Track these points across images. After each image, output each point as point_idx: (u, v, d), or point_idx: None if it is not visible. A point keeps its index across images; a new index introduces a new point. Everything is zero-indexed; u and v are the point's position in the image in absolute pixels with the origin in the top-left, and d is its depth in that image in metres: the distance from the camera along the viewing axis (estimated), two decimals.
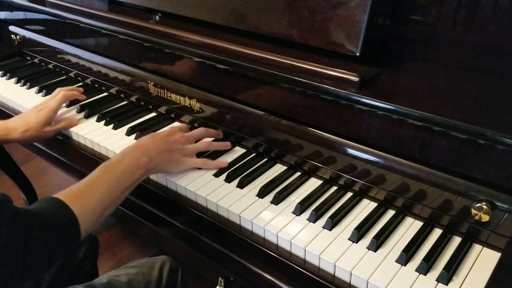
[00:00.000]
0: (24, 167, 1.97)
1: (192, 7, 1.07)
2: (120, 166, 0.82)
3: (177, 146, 0.92)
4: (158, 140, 0.91)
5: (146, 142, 0.90)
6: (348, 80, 0.81)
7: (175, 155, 0.90)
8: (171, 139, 0.93)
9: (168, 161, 0.89)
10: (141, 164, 0.84)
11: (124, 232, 2.00)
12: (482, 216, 0.70)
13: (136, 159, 0.84)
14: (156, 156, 0.87)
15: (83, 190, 0.76)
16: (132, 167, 0.83)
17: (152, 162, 0.85)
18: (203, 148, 0.96)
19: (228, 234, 0.84)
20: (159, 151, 0.88)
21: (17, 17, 1.51)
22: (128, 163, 0.83)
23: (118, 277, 0.97)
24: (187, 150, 0.93)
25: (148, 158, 0.85)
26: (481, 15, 0.81)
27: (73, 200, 0.72)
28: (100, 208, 0.76)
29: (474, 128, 0.69)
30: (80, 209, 0.72)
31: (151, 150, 0.87)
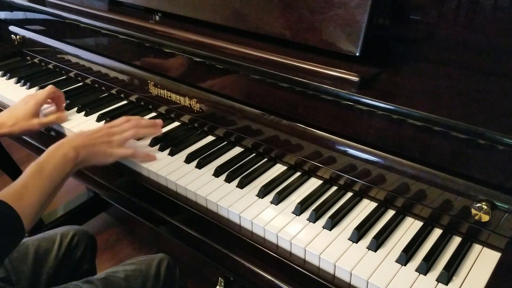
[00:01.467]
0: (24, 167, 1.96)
1: (192, 7, 1.07)
2: (50, 164, 0.84)
3: (103, 139, 0.93)
4: (84, 136, 0.92)
5: (72, 138, 0.91)
6: (348, 80, 0.81)
7: (102, 147, 0.92)
8: (98, 134, 0.94)
9: (95, 153, 0.91)
10: (68, 158, 0.85)
11: (124, 232, 2.00)
12: (482, 216, 0.70)
13: (64, 154, 0.85)
14: (82, 149, 0.88)
15: (20, 190, 0.78)
16: (61, 163, 0.85)
17: (79, 156, 0.87)
18: (129, 136, 0.97)
19: (228, 234, 0.84)
20: (84, 144, 0.89)
21: (17, 17, 1.51)
22: (57, 159, 0.85)
23: (116, 274, 0.97)
24: (114, 142, 0.94)
25: (75, 152, 0.87)
26: (481, 15, 0.81)
27: (14, 200, 0.74)
28: (38, 205, 0.79)
29: (474, 128, 0.69)
30: (21, 208, 0.74)
31: (77, 144, 0.88)
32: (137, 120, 1.02)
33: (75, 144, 0.88)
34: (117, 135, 0.95)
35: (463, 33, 0.84)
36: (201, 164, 0.96)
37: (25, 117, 1.09)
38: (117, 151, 0.93)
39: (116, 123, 0.99)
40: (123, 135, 0.96)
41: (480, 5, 0.81)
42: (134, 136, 0.99)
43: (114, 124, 0.99)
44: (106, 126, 0.98)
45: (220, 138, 1.06)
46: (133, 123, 0.99)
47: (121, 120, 1.01)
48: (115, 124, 0.99)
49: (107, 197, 1.04)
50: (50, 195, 0.82)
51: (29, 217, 0.76)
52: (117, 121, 1.00)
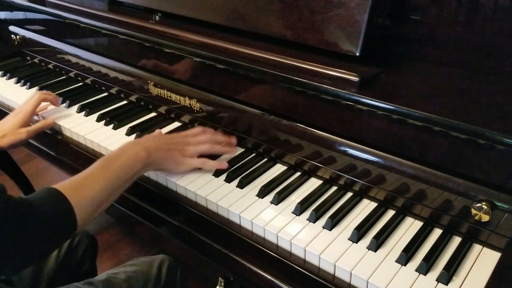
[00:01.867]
0: (24, 167, 1.97)
1: (192, 7, 1.07)
2: (119, 160, 0.83)
3: (177, 146, 0.92)
4: (160, 138, 0.93)
5: (148, 138, 0.91)
6: (348, 80, 0.81)
7: (175, 154, 0.91)
8: (173, 139, 0.94)
9: (166, 159, 0.90)
10: (139, 158, 0.85)
11: (124, 232, 2.00)
12: (482, 216, 0.70)
13: (135, 153, 0.85)
14: (155, 152, 0.88)
15: (81, 181, 0.76)
16: (131, 161, 0.84)
17: (150, 157, 0.86)
18: (204, 151, 0.95)
19: (228, 234, 0.84)
20: (158, 148, 0.89)
21: (17, 17, 1.51)
22: (127, 156, 0.84)
23: (117, 275, 0.97)
24: (188, 151, 0.93)
25: (147, 153, 0.86)
26: (481, 15, 0.81)
27: (71, 191, 0.72)
28: (97, 200, 0.77)
29: (474, 128, 0.69)
30: (77, 201, 0.72)
31: (150, 146, 0.88)
32: (213, 134, 0.99)
33: (149, 145, 0.88)
34: (191, 145, 0.94)
35: (463, 33, 0.84)
36: None
37: (12, 129, 1.08)
38: (189, 161, 0.92)
39: (192, 132, 0.98)
40: (198, 148, 0.94)
41: (480, 5, 0.81)
42: (209, 151, 0.96)
43: (190, 134, 0.98)
44: (182, 135, 0.97)
45: None
46: (208, 137, 0.97)
47: (197, 130, 0.99)
48: (190, 133, 0.98)
49: None
50: (113, 191, 0.80)
51: (85, 211, 0.74)
52: (193, 131, 0.99)
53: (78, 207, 0.72)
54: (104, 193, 0.78)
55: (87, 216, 0.75)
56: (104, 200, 0.79)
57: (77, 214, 0.72)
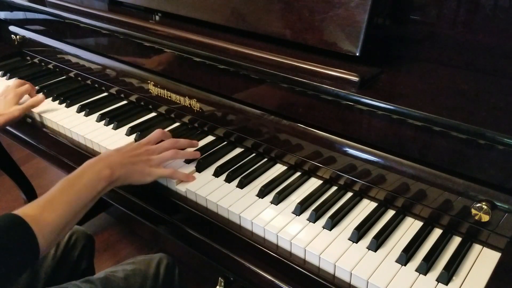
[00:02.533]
0: (24, 167, 1.97)
1: (192, 7, 1.07)
2: (81, 180, 0.80)
3: (141, 157, 0.89)
4: (122, 152, 0.89)
5: (110, 154, 0.88)
6: (348, 80, 0.81)
7: (140, 166, 0.88)
8: (136, 151, 0.90)
9: (132, 172, 0.87)
10: (102, 176, 0.82)
11: (124, 232, 2.00)
12: (482, 216, 0.70)
13: (98, 171, 0.82)
14: (119, 168, 0.84)
15: (43, 206, 0.74)
16: (94, 181, 0.81)
17: (114, 175, 0.83)
18: (169, 157, 0.93)
19: (228, 234, 0.84)
20: (122, 163, 0.86)
21: (17, 17, 1.51)
22: (89, 176, 0.81)
23: (115, 273, 0.97)
24: (153, 160, 0.90)
25: (111, 171, 0.83)
26: (481, 15, 0.81)
27: (32, 217, 0.70)
28: (61, 224, 0.74)
29: (474, 128, 0.69)
30: (39, 226, 0.70)
31: (114, 162, 0.85)
32: (175, 139, 0.98)
33: (112, 161, 0.85)
34: (156, 153, 0.92)
35: (463, 33, 0.84)
36: (201, 164, 0.96)
37: (5, 108, 1.14)
38: (156, 171, 0.89)
39: (154, 137, 0.96)
40: (163, 156, 0.92)
41: (480, 5, 0.81)
42: (173, 158, 0.94)
43: (152, 140, 0.96)
44: (143, 142, 0.94)
45: (220, 138, 1.06)
46: (171, 142, 0.96)
47: (158, 134, 0.97)
48: (152, 139, 0.96)
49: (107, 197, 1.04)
50: (76, 213, 0.78)
51: (48, 236, 0.72)
52: (154, 136, 0.96)
53: (40, 233, 0.70)
54: (67, 216, 0.76)
55: (51, 241, 0.73)
56: (68, 222, 0.76)
57: (40, 240, 0.70)
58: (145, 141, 0.95)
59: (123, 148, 0.91)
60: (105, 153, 0.90)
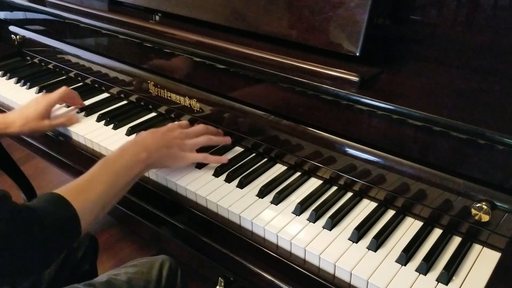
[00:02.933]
0: (24, 167, 1.97)
1: (192, 7, 1.07)
2: (120, 161, 0.82)
3: (176, 141, 0.91)
4: (158, 135, 0.91)
5: (145, 137, 0.90)
6: (348, 80, 0.81)
7: (174, 150, 0.90)
8: (170, 135, 0.92)
9: (167, 156, 0.89)
10: (140, 159, 0.84)
11: (124, 232, 2.00)
12: (482, 216, 0.70)
13: (135, 154, 0.84)
14: (155, 151, 0.87)
15: (83, 185, 0.76)
16: (132, 162, 0.83)
17: (151, 157, 0.86)
18: (203, 142, 0.95)
19: (228, 234, 0.84)
20: (158, 146, 0.88)
21: (17, 17, 1.51)
22: (127, 158, 0.83)
23: (117, 276, 0.97)
24: (186, 145, 0.92)
25: (147, 153, 0.85)
26: (481, 15, 0.81)
27: (73, 196, 0.72)
28: (100, 204, 0.76)
29: (474, 128, 0.69)
30: (80, 205, 0.72)
31: (150, 145, 0.87)
32: (205, 126, 0.99)
33: (148, 144, 0.87)
34: (189, 137, 0.94)
35: (463, 33, 0.84)
36: (201, 164, 0.96)
37: (35, 118, 1.08)
38: (189, 156, 0.92)
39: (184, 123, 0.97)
40: (197, 140, 0.94)
41: (480, 5, 0.81)
42: (207, 143, 0.95)
43: (184, 124, 0.97)
44: (177, 125, 0.96)
45: None
46: (203, 128, 0.97)
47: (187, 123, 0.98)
48: (183, 124, 0.97)
49: None
50: (115, 194, 0.79)
51: (88, 215, 0.73)
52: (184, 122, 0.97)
53: (81, 212, 0.71)
54: (107, 196, 0.77)
55: (91, 220, 0.75)
56: (107, 203, 0.78)
57: (81, 218, 0.71)
58: (177, 124, 0.97)
59: (158, 130, 0.93)
60: (140, 135, 0.92)
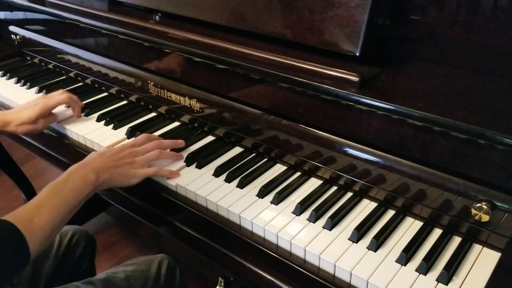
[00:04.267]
0: (24, 167, 1.97)
1: (192, 7, 1.07)
2: (68, 186, 0.81)
3: (125, 160, 0.90)
4: (107, 156, 0.89)
5: (94, 158, 0.88)
6: (348, 80, 0.81)
7: (124, 168, 0.89)
8: (119, 155, 0.91)
9: (117, 175, 0.88)
10: (88, 181, 0.83)
11: (124, 232, 2.00)
12: (482, 216, 0.70)
13: (83, 176, 0.83)
14: (104, 172, 0.85)
15: (32, 212, 0.75)
16: (80, 185, 0.82)
17: (100, 178, 0.84)
18: (153, 158, 0.94)
19: (228, 234, 0.84)
20: (107, 166, 0.86)
21: (17, 17, 1.51)
22: (75, 181, 0.82)
23: (116, 274, 0.97)
24: (137, 163, 0.91)
25: (96, 175, 0.84)
26: (481, 15, 0.81)
27: (22, 223, 0.71)
28: (49, 229, 0.76)
29: (474, 128, 0.69)
30: (29, 231, 0.71)
31: (98, 166, 0.86)
32: (160, 140, 0.99)
33: (96, 165, 0.85)
34: (140, 155, 0.93)
35: (463, 33, 0.84)
36: (201, 164, 0.96)
37: (31, 119, 1.08)
38: (140, 172, 0.90)
39: (138, 141, 0.96)
40: (147, 156, 0.93)
41: (480, 5, 0.81)
42: (158, 158, 0.95)
43: (136, 143, 0.96)
44: (128, 145, 0.95)
45: (220, 138, 1.06)
46: (156, 144, 0.96)
47: (143, 138, 0.98)
48: (137, 142, 0.96)
49: (107, 197, 1.04)
50: (64, 217, 0.79)
51: (38, 240, 0.73)
52: (139, 139, 0.97)
53: (31, 238, 0.71)
54: (55, 221, 0.77)
55: (40, 245, 0.74)
56: (56, 227, 0.78)
57: (30, 245, 0.71)
58: (130, 144, 0.96)
59: (107, 152, 0.92)
60: (89, 157, 0.90)
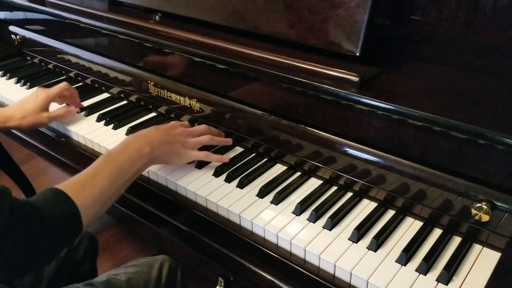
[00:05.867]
0: (24, 167, 1.97)
1: (192, 7, 1.07)
2: (123, 156, 0.81)
3: (179, 138, 0.92)
4: (161, 131, 0.91)
5: (149, 132, 0.89)
6: (348, 80, 0.81)
7: (177, 146, 0.90)
8: (174, 132, 0.93)
9: (170, 152, 0.89)
10: (143, 154, 0.83)
11: (124, 232, 2.00)
12: (482, 216, 0.70)
13: (139, 149, 0.84)
14: (159, 147, 0.86)
15: (85, 180, 0.75)
16: (135, 157, 0.82)
17: (154, 152, 0.85)
18: (205, 141, 0.96)
19: (228, 234, 0.84)
20: (161, 141, 0.88)
21: (17, 17, 1.51)
22: (130, 152, 0.83)
23: (117, 276, 0.97)
24: (189, 143, 0.93)
25: (151, 148, 0.85)
26: (481, 15, 0.81)
27: (75, 191, 0.71)
28: (102, 199, 0.75)
29: (474, 128, 0.69)
30: (82, 200, 0.71)
31: (154, 140, 0.87)
32: (207, 126, 1.00)
33: (152, 139, 0.86)
34: (191, 136, 0.94)
35: (463, 33, 0.84)
36: (201, 164, 0.96)
37: (34, 111, 1.08)
38: (192, 153, 0.92)
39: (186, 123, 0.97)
40: (199, 139, 0.94)
41: (480, 5, 0.81)
42: (209, 143, 0.96)
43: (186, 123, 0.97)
44: (180, 123, 0.96)
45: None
46: (205, 128, 0.97)
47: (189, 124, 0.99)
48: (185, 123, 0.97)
49: None
50: (117, 189, 0.79)
51: (90, 210, 0.72)
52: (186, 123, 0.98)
53: (83, 207, 0.71)
54: (109, 191, 0.77)
55: (93, 215, 0.74)
56: (109, 198, 0.78)
57: (82, 214, 0.71)
58: (180, 123, 0.97)
59: (161, 127, 0.93)
60: (144, 130, 0.91)
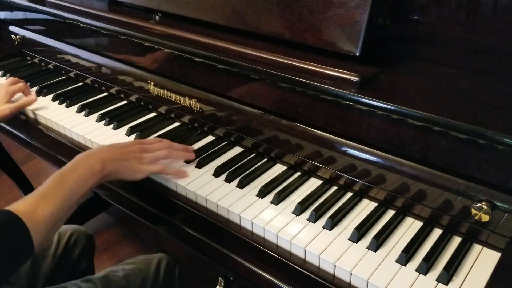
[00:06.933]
0: (24, 167, 1.97)
1: (192, 7, 1.07)
2: (73, 175, 0.80)
3: (134, 154, 0.90)
4: (115, 148, 0.89)
5: (102, 150, 0.88)
6: (348, 80, 0.81)
7: (131, 162, 0.88)
8: (129, 149, 0.90)
9: (123, 168, 0.87)
10: (94, 171, 0.82)
11: (124, 232, 2.00)
12: (482, 216, 0.70)
13: (90, 166, 0.82)
14: (110, 163, 0.84)
15: (36, 202, 0.73)
16: (85, 175, 0.81)
17: (106, 169, 0.83)
18: (162, 156, 0.93)
19: (228, 234, 0.84)
20: (114, 158, 0.86)
21: (17, 17, 1.51)
22: (81, 171, 0.81)
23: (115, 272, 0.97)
24: (145, 158, 0.90)
25: (102, 165, 0.83)
26: (481, 15, 0.81)
27: (26, 213, 0.70)
28: (53, 220, 0.74)
29: (474, 128, 0.69)
30: (33, 223, 0.70)
31: (106, 157, 0.85)
32: (170, 142, 0.98)
33: (104, 156, 0.84)
34: (148, 152, 0.92)
35: (463, 33, 0.84)
36: (201, 164, 0.96)
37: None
38: (147, 168, 0.90)
39: (148, 141, 0.96)
40: (156, 154, 0.92)
41: (480, 5, 0.81)
42: (167, 157, 0.94)
43: (146, 142, 0.96)
44: (137, 142, 0.95)
45: (220, 138, 1.06)
46: (166, 144, 0.96)
47: (153, 139, 0.98)
48: (147, 141, 0.96)
49: (107, 197, 1.04)
50: (69, 208, 0.78)
51: (41, 232, 0.71)
52: (149, 139, 0.97)
53: (34, 230, 0.69)
54: (59, 212, 0.75)
55: (44, 237, 0.73)
56: (60, 218, 0.76)
57: (33, 236, 0.69)
58: (139, 141, 0.96)
59: (116, 144, 0.91)
60: (97, 147, 0.90)
